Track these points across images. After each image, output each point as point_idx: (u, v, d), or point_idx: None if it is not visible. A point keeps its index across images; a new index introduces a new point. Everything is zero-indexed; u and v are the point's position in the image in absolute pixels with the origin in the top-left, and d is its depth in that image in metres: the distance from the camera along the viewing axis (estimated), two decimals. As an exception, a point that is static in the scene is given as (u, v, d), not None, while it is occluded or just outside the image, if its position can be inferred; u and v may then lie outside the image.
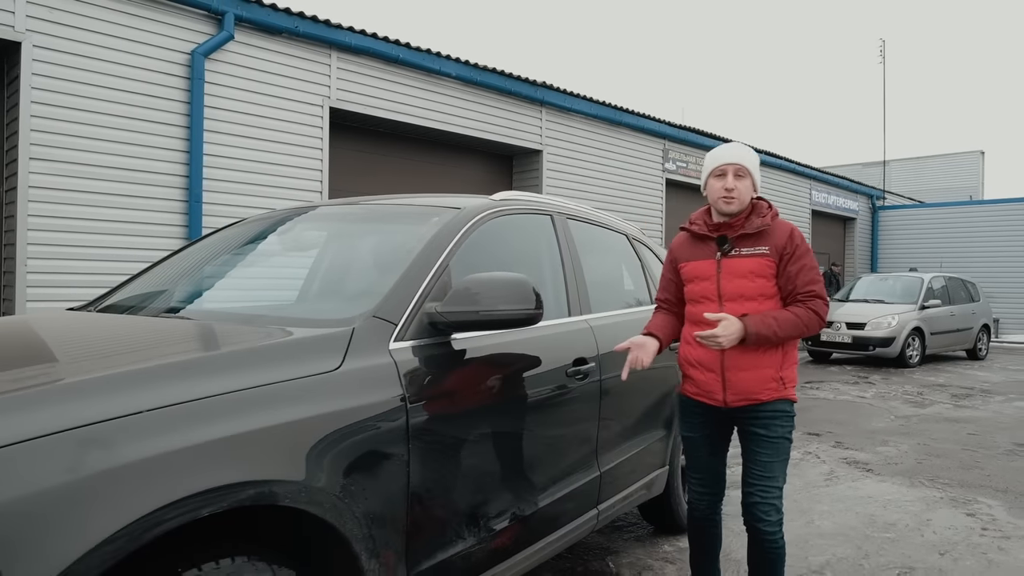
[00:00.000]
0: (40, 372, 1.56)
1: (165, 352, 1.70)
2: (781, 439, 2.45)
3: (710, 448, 2.59)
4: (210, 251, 2.77)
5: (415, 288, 2.09)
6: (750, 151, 2.56)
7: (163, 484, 1.32)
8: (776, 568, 2.47)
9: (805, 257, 2.44)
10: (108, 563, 1.24)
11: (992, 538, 3.80)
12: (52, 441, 1.24)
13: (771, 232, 2.46)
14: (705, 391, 2.50)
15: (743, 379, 2.41)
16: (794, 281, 2.41)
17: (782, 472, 2.48)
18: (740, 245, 2.46)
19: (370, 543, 1.73)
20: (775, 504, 2.43)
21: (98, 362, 1.65)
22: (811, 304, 2.40)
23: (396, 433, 1.84)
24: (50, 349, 1.86)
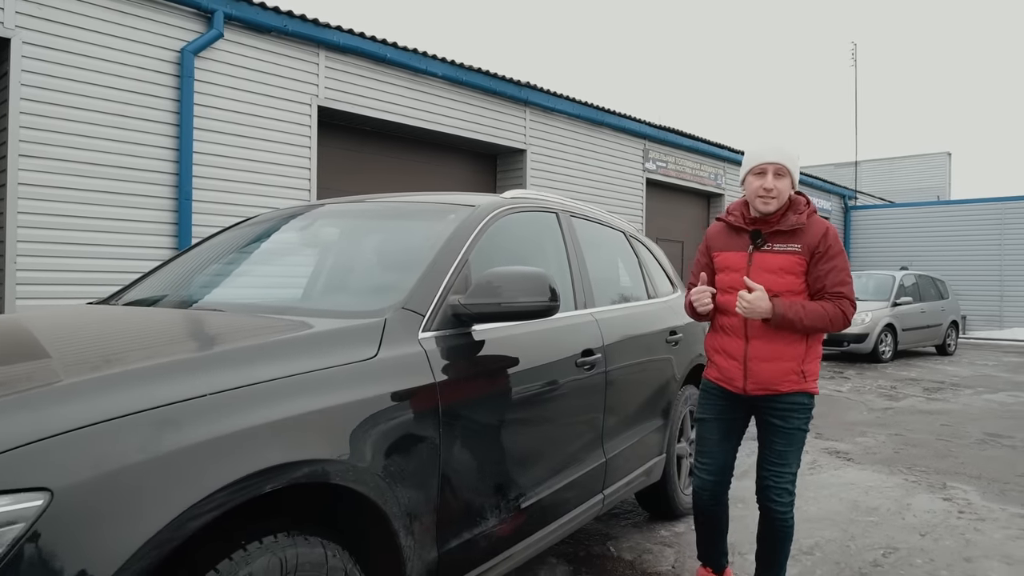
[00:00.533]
0: (107, 360, 1.64)
1: (216, 342, 1.78)
2: (797, 430, 2.54)
3: (722, 433, 2.67)
4: (230, 247, 2.84)
5: (439, 281, 2.19)
6: (791, 147, 2.54)
7: (232, 461, 1.41)
8: (784, 544, 2.61)
9: (837, 258, 2.47)
10: (182, 537, 1.32)
11: (968, 520, 4.00)
12: (133, 420, 1.33)
13: (806, 230, 2.48)
14: (727, 377, 2.59)
15: (764, 369, 2.49)
16: (823, 280, 2.45)
17: (796, 459, 2.59)
18: (773, 241, 2.50)
19: (406, 521, 1.83)
20: (787, 488, 2.55)
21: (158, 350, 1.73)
22: (839, 303, 2.44)
23: (429, 418, 1.94)
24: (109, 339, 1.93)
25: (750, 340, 2.50)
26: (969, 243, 19.56)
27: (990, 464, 5.32)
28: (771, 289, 2.46)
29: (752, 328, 2.52)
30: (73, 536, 1.21)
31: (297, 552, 1.55)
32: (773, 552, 2.64)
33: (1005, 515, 4.10)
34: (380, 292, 2.17)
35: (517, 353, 2.41)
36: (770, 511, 2.57)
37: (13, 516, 1.17)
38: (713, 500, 2.70)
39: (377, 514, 1.77)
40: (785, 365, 2.48)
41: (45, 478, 1.20)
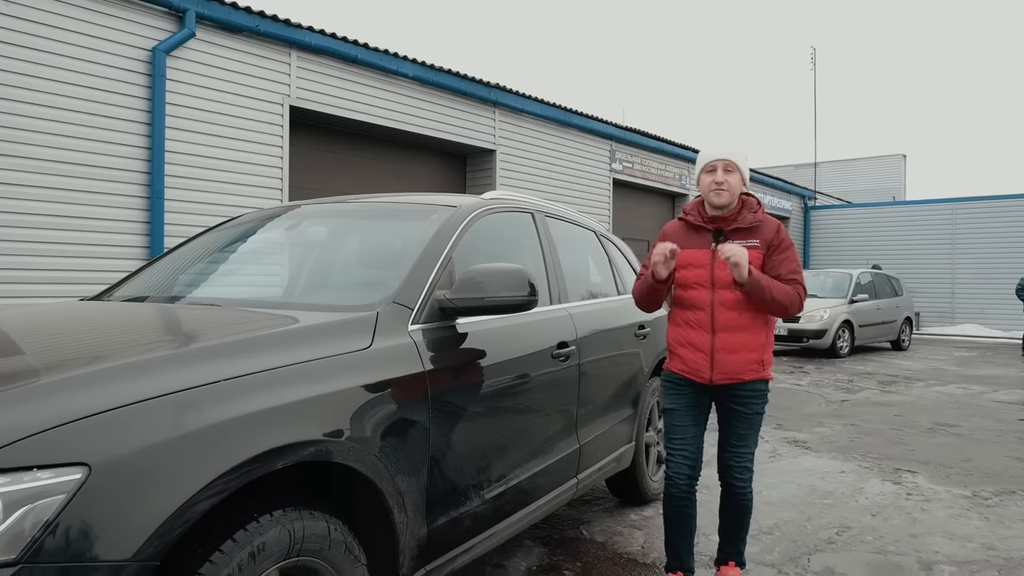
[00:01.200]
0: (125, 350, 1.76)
1: (224, 334, 1.91)
2: (756, 415, 2.76)
3: (691, 419, 2.80)
4: (218, 246, 2.95)
5: (426, 277, 2.34)
6: (738, 147, 2.75)
7: (248, 440, 1.55)
8: (745, 517, 2.83)
9: (789, 250, 2.71)
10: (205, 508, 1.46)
11: (916, 501, 4.27)
12: (159, 402, 1.46)
13: (761, 227, 2.71)
14: (693, 369, 2.73)
15: (730, 361, 2.66)
16: (778, 269, 2.67)
17: (755, 440, 2.81)
18: (734, 238, 2.69)
19: (399, 498, 1.98)
20: (747, 465, 2.78)
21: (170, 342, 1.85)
22: (795, 287, 2.65)
23: (420, 404, 2.09)
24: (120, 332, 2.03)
25: (717, 333, 2.66)
26: (923, 242, 20.21)
27: (937, 451, 5.64)
28: (734, 281, 2.64)
29: (719, 322, 2.68)
30: (109, 506, 1.33)
31: (304, 525, 1.69)
32: (736, 525, 2.87)
33: (949, 496, 4.39)
34: (371, 288, 2.30)
35: (498, 345, 2.56)
36: (732, 488, 2.79)
37: (55, 488, 1.29)
38: (688, 486, 2.79)
39: (373, 492, 1.91)
40: (749, 355, 2.67)
41: (84, 454, 1.33)
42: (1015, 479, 4.80)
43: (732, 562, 2.92)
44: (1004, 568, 3.27)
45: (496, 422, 2.53)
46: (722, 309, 2.67)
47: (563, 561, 3.26)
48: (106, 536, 1.32)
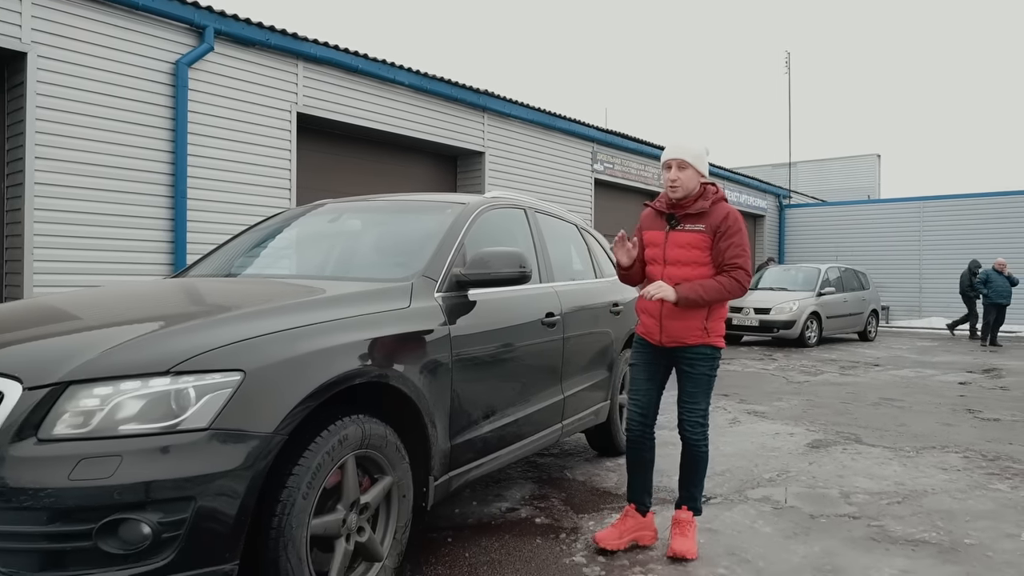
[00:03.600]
0: (247, 304, 2.47)
1: (309, 295, 2.62)
2: (703, 375, 3.07)
3: (648, 375, 3.18)
4: (272, 234, 3.66)
5: (446, 257, 3.07)
6: (692, 145, 3.05)
7: (338, 362, 2.27)
8: (699, 466, 3.16)
9: (736, 236, 2.99)
10: (304, 414, 2.16)
11: (849, 454, 5.04)
12: (282, 335, 2.18)
13: (710, 214, 3.01)
14: (648, 332, 3.14)
15: (674, 326, 3.03)
16: (724, 254, 2.97)
17: (705, 399, 3.11)
18: (685, 222, 3.03)
19: (432, 417, 2.71)
20: (700, 420, 3.10)
21: (276, 299, 2.56)
22: (734, 274, 2.95)
23: (444, 348, 2.82)
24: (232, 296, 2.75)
25: (664, 302, 3.02)
26: (892, 239, 21.09)
27: (878, 418, 6.43)
28: (681, 259, 3.02)
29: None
30: (257, 398, 2.05)
31: (370, 428, 2.41)
32: (691, 474, 3.19)
33: (877, 450, 5.17)
34: (406, 265, 3.02)
35: (500, 311, 3.30)
36: (687, 440, 3.13)
37: (225, 384, 2.00)
38: (642, 430, 3.16)
39: (413, 411, 2.63)
40: (691, 323, 3.02)
41: (241, 364, 2.04)
42: (937, 439, 5.60)
43: (686, 507, 3.18)
44: (908, 497, 4.04)
45: (499, 371, 3.26)
46: (669, 282, 3.00)
47: (551, 492, 4.00)
48: (256, 416, 2.03)
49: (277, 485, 2.08)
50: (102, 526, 1.81)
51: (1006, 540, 3.35)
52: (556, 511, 3.68)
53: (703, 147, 3.10)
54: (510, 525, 3.45)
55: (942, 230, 20.35)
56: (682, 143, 3.06)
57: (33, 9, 6.37)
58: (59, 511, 1.80)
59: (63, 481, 1.81)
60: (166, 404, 1.94)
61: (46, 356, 2.00)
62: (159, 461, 1.88)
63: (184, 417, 1.93)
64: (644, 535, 3.18)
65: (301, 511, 2.12)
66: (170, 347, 2.03)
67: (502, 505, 3.76)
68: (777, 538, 3.34)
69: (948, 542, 3.31)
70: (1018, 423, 6.28)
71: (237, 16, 7.84)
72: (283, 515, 2.07)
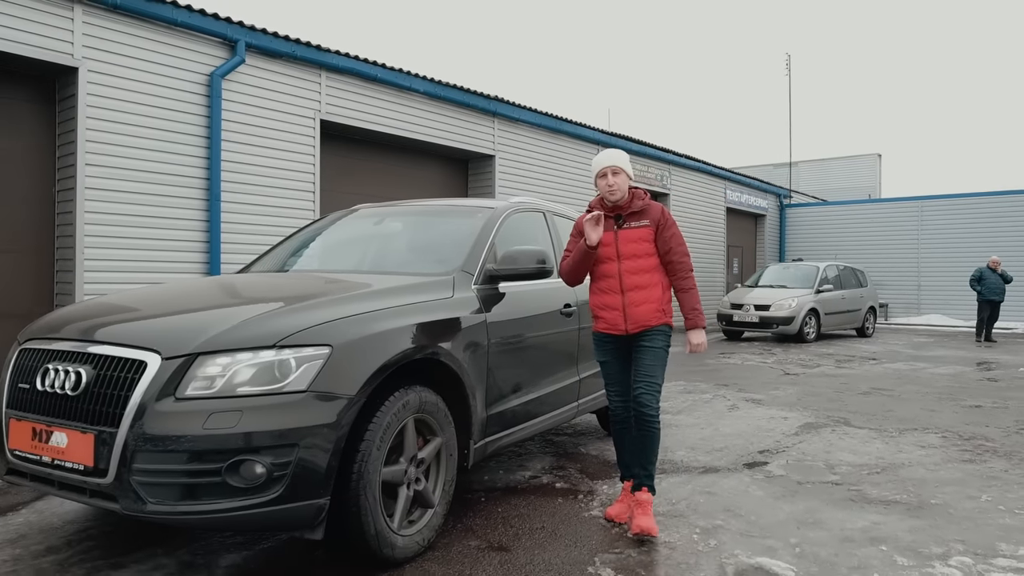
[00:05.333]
0: (318, 293, 2.98)
1: (372, 285, 3.12)
2: (660, 349, 3.34)
3: (619, 366, 3.45)
4: (321, 235, 4.17)
5: (480, 254, 3.57)
6: (621, 153, 3.41)
7: (401, 341, 2.77)
8: (652, 441, 3.31)
9: (674, 227, 3.40)
10: (377, 382, 2.66)
11: (837, 435, 5.53)
12: (358, 317, 2.69)
13: (649, 211, 3.38)
14: (612, 325, 3.37)
15: (638, 312, 3.31)
16: (669, 243, 3.34)
17: (661, 375, 3.33)
18: (630, 220, 3.37)
19: (472, 390, 3.21)
20: (655, 395, 3.30)
21: (348, 288, 3.06)
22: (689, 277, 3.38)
23: (482, 332, 3.32)
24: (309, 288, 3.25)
25: (626, 293, 3.32)
26: (891, 237, 21.49)
27: (867, 405, 6.91)
28: (635, 253, 3.33)
29: (626, 284, 3.33)
30: (342, 368, 2.55)
31: (425, 396, 2.91)
32: (646, 450, 3.34)
33: (863, 431, 5.66)
34: (446, 261, 3.52)
35: (526, 302, 3.79)
36: (641, 414, 3.29)
37: (318, 356, 2.50)
38: (625, 414, 3.46)
39: (457, 384, 3.13)
40: (651, 307, 3.32)
41: (329, 340, 2.55)
42: (920, 422, 6.08)
43: (644, 487, 3.33)
44: (886, 469, 4.53)
45: (526, 353, 3.76)
46: (627, 275, 3.32)
47: (568, 464, 4.50)
48: (342, 382, 2.53)
49: (357, 438, 2.59)
50: (229, 465, 2.31)
51: (968, 501, 3.84)
52: (573, 478, 4.18)
53: (627, 156, 3.48)
54: (534, 488, 3.95)
55: (941, 229, 20.74)
56: (612, 153, 3.41)
57: (83, 28, 6.88)
58: (196, 453, 2.31)
59: (199, 430, 2.31)
60: (272, 371, 2.45)
61: (177, 333, 2.51)
62: (270, 415, 2.38)
63: (287, 381, 2.44)
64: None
65: (375, 460, 2.62)
66: (274, 326, 2.53)
67: (525, 473, 4.26)
68: (767, 499, 3.83)
69: (916, 502, 3.80)
70: (999, 409, 6.75)
71: (266, 30, 8.34)
72: (362, 462, 2.57)
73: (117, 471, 2.32)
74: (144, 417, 2.33)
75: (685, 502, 3.75)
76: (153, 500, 2.31)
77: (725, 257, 19.98)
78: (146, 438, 2.31)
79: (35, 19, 6.59)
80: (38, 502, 3.61)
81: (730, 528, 3.36)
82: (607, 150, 3.49)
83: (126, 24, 7.22)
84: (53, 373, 2.53)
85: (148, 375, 2.39)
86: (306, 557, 2.92)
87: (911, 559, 3.01)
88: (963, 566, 2.94)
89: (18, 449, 2.58)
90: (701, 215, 18.43)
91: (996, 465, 4.61)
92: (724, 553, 3.04)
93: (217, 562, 2.86)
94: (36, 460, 2.51)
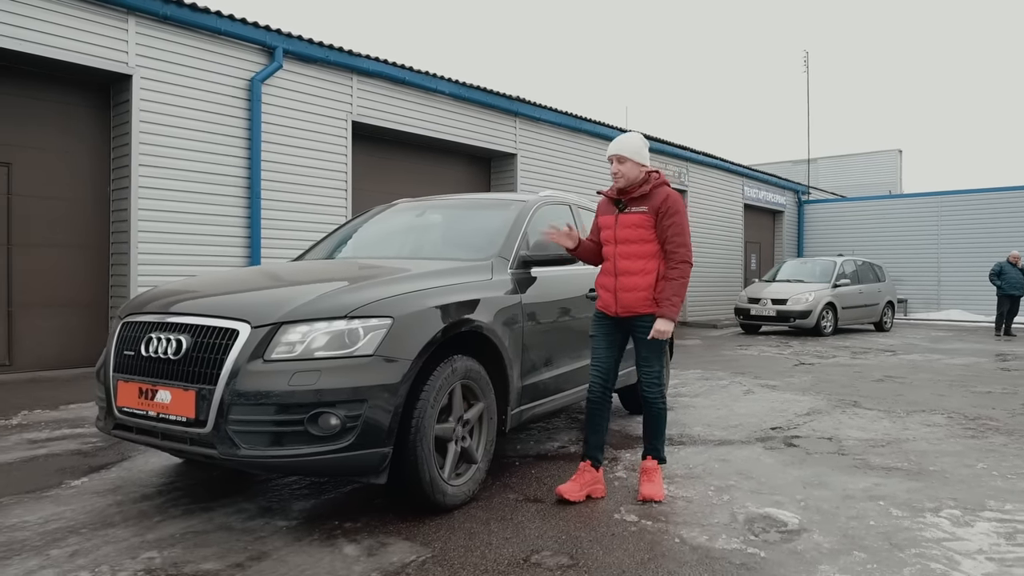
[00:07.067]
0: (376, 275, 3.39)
1: (423, 269, 3.53)
2: (654, 340, 3.40)
3: (607, 344, 3.54)
4: (369, 226, 4.59)
5: (514, 242, 3.96)
6: (627, 141, 3.43)
7: (449, 315, 3.17)
8: (658, 422, 3.54)
9: (675, 216, 3.36)
10: (431, 350, 3.06)
11: (847, 415, 5.85)
12: (415, 294, 3.09)
13: (651, 197, 3.41)
14: (605, 304, 3.52)
15: (627, 298, 3.41)
16: (666, 233, 3.36)
17: (659, 361, 3.47)
18: (631, 205, 3.43)
19: (510, 362, 3.60)
20: (656, 380, 3.48)
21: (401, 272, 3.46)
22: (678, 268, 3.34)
23: (518, 311, 3.71)
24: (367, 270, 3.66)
25: (618, 276, 3.41)
26: (911, 233, 21.58)
27: (878, 391, 7.21)
28: (630, 238, 3.40)
29: (619, 268, 3.42)
30: (402, 336, 2.95)
31: (470, 364, 3.30)
32: (653, 429, 3.58)
33: (872, 412, 5.97)
34: (485, 248, 3.92)
35: (555, 286, 4.18)
36: (646, 399, 3.51)
37: (382, 326, 2.91)
38: (602, 394, 3.51)
39: (497, 356, 3.52)
40: (640, 294, 3.39)
41: (391, 312, 2.95)
42: (928, 405, 6.38)
43: (650, 456, 3.55)
44: (891, 443, 4.85)
45: (555, 332, 4.15)
46: (621, 259, 3.42)
47: (593, 437, 4.88)
48: (403, 348, 2.93)
49: (414, 398, 2.98)
50: (310, 416, 2.72)
51: (964, 468, 4.17)
52: (599, 448, 4.56)
53: (641, 142, 3.48)
54: (563, 456, 4.33)
55: (960, 224, 20.78)
56: (620, 141, 3.47)
57: (136, 38, 7.37)
58: (282, 406, 2.72)
59: (284, 386, 2.72)
60: (343, 338, 2.85)
61: (264, 306, 2.93)
62: (343, 375, 2.78)
63: (357, 347, 2.85)
64: (597, 488, 3.49)
65: (430, 417, 3.02)
66: (344, 300, 2.95)
67: (554, 444, 4.64)
68: (777, 466, 4.18)
69: (916, 469, 4.14)
70: (1008, 394, 7.01)
71: (301, 36, 8.80)
72: (419, 418, 2.97)
73: (215, 422, 2.74)
74: (238, 376, 2.74)
75: (701, 467, 4.11)
76: (246, 446, 2.72)
77: (743, 253, 20.22)
78: (240, 394, 2.72)
79: (94, 31, 7.09)
80: (124, 461, 4.06)
81: (742, 487, 3.72)
82: (618, 136, 3.56)
83: (175, 33, 7.70)
84: (156, 341, 2.96)
85: (240, 341, 2.80)
86: (366, 504, 3.33)
87: (905, 511, 3.35)
88: (952, 517, 3.29)
89: (126, 406, 3.01)
90: (719, 211, 18.69)
91: (996, 440, 4.92)
92: (736, 505, 3.41)
93: (290, 507, 3.28)
94: (143, 415, 2.94)
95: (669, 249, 3.39)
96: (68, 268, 7.38)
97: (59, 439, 4.65)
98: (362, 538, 2.89)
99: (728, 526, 3.12)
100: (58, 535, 2.90)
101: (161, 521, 3.07)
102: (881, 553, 2.83)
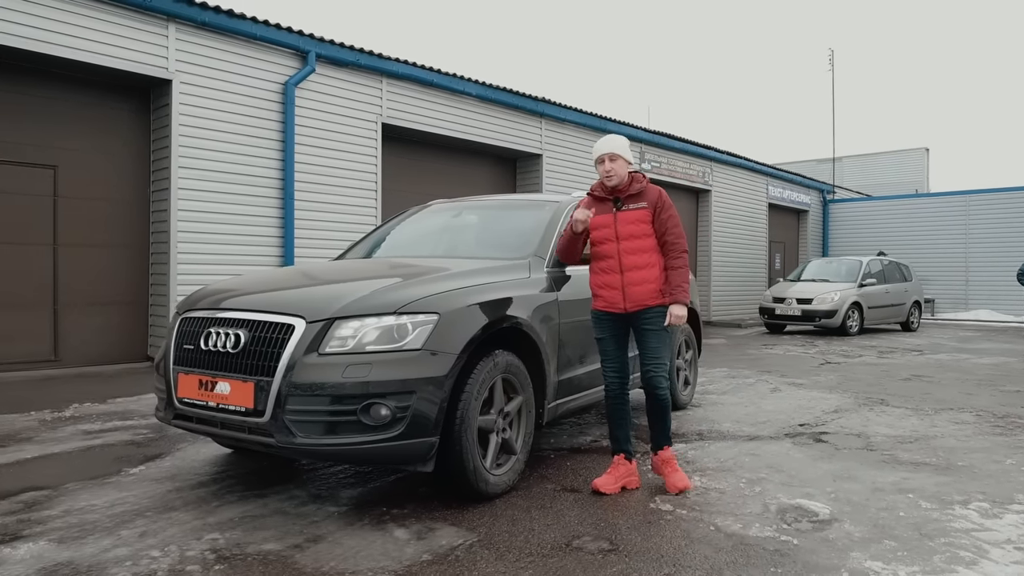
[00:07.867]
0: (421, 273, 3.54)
1: (465, 267, 3.66)
2: (662, 330, 3.50)
3: (616, 343, 3.62)
4: (407, 226, 4.76)
5: (550, 242, 4.09)
6: (618, 140, 3.54)
7: (491, 312, 3.31)
8: (664, 414, 3.59)
9: (671, 209, 3.53)
10: (474, 345, 3.20)
11: (874, 412, 5.90)
12: (458, 291, 3.24)
13: (646, 193, 3.53)
14: (611, 303, 3.54)
15: (637, 291, 3.48)
16: (665, 226, 3.49)
17: (666, 354, 3.55)
18: (628, 203, 3.52)
19: (547, 357, 3.73)
20: (663, 374, 3.54)
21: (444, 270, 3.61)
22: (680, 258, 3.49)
23: (554, 308, 3.84)
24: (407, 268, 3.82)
25: (624, 273, 3.47)
26: (938, 232, 21.32)
27: (905, 389, 7.24)
28: (632, 234, 3.48)
29: (624, 264, 3.49)
30: (448, 332, 3.09)
31: (510, 359, 3.43)
32: (659, 421, 3.63)
33: (900, 410, 6.02)
34: (521, 248, 4.06)
35: (587, 284, 4.28)
36: (651, 392, 3.55)
37: (428, 322, 3.06)
38: (620, 389, 3.62)
39: (535, 352, 3.65)
40: (650, 286, 3.48)
41: (437, 309, 3.10)
42: (956, 403, 6.40)
43: (665, 446, 3.63)
44: (919, 439, 4.91)
45: (587, 330, 4.25)
46: (625, 255, 3.48)
47: (624, 432, 4.99)
48: (449, 342, 3.08)
49: (459, 391, 3.13)
50: (362, 407, 2.87)
51: (992, 464, 4.23)
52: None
53: (626, 141, 3.63)
54: (596, 449, 4.46)
55: (989, 224, 20.49)
56: (611, 141, 3.56)
57: (176, 43, 7.61)
58: (336, 397, 2.87)
59: (339, 378, 2.88)
60: (392, 333, 3.00)
61: (317, 303, 3.09)
62: (393, 368, 2.93)
63: (406, 341, 3.00)
64: (631, 480, 3.60)
65: (473, 409, 3.16)
66: (394, 297, 3.10)
67: (587, 439, 4.77)
68: (806, 460, 4.27)
69: (945, 464, 4.20)
70: (1035, 393, 7.02)
71: (333, 41, 9.00)
72: (464, 410, 3.11)
73: (273, 411, 2.90)
74: (294, 368, 2.90)
75: (732, 461, 4.21)
76: (302, 434, 2.88)
77: (767, 253, 20.17)
78: (296, 385, 2.88)
79: (136, 37, 7.34)
80: (176, 451, 4.25)
81: (773, 480, 3.82)
82: (605, 136, 3.62)
83: (212, 39, 7.93)
84: (215, 335, 3.13)
85: (296, 335, 2.96)
86: (411, 492, 3.48)
87: (934, 504, 3.44)
88: (980, 509, 3.36)
89: (186, 397, 3.18)
90: (743, 211, 18.67)
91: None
92: (768, 496, 3.51)
93: (339, 494, 3.44)
94: (203, 405, 3.11)
95: (670, 240, 3.51)
96: (110, 267, 7.63)
97: (111, 431, 4.86)
98: (410, 523, 3.04)
99: (761, 515, 3.22)
100: (125, 517, 3.08)
101: (219, 506, 3.24)
102: (911, 542, 2.92)
